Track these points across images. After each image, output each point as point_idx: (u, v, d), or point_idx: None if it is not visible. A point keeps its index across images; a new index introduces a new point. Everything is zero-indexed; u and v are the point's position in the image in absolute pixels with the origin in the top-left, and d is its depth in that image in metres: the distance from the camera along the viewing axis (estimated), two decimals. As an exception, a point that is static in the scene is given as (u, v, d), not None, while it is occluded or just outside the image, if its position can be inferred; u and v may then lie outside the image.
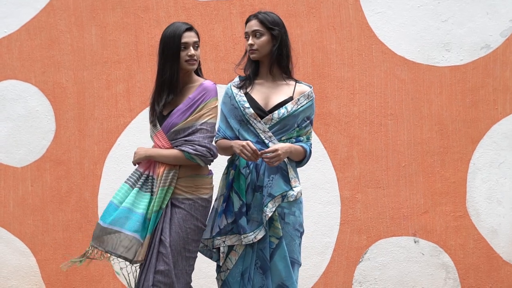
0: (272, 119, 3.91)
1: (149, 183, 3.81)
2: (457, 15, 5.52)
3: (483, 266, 5.51)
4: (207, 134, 3.79)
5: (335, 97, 5.55)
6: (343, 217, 5.54)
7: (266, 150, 3.81)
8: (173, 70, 3.78)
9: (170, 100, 3.81)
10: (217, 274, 4.00)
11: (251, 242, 3.86)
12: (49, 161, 5.65)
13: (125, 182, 3.84)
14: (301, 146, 3.96)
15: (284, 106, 3.92)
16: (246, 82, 4.02)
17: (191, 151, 3.75)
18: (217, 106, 3.85)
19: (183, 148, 3.76)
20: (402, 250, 5.53)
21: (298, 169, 4.05)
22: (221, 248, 3.96)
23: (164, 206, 3.77)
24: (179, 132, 3.79)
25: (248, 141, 3.81)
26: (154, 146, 3.89)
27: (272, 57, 3.93)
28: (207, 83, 3.84)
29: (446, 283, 5.52)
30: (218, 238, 3.92)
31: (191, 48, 3.79)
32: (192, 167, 3.83)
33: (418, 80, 5.53)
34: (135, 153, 3.88)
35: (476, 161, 5.51)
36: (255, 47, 3.92)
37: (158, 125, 3.83)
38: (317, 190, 5.54)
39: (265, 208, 3.85)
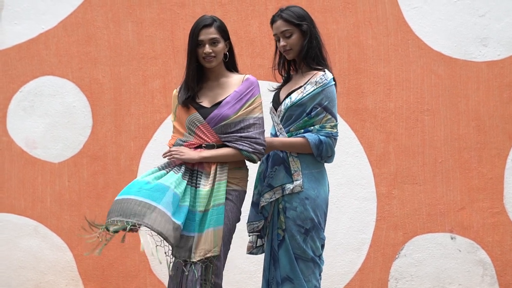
0: (281, 110, 3.90)
1: (195, 177, 3.76)
2: (494, 9, 5.49)
3: (520, 263, 5.49)
4: (261, 130, 3.78)
5: (372, 92, 5.53)
6: (379, 213, 5.52)
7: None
8: (191, 67, 3.80)
9: (199, 90, 3.81)
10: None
11: (254, 231, 3.91)
12: (86, 156, 5.69)
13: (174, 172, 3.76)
14: (303, 137, 3.82)
15: (289, 96, 3.88)
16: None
17: (249, 149, 3.73)
18: (261, 101, 3.84)
19: (239, 147, 3.73)
20: (439, 246, 5.50)
21: (331, 165, 3.97)
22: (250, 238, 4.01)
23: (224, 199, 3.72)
24: (229, 126, 3.75)
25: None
26: (194, 140, 3.78)
27: (303, 51, 3.91)
28: (253, 78, 3.83)
29: (483, 280, 5.48)
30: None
31: (207, 45, 3.77)
32: (238, 160, 3.82)
33: (455, 75, 5.50)
34: (181, 152, 3.73)
35: (514, 157, 5.49)
36: (288, 47, 3.90)
37: (201, 117, 3.78)
38: (353, 186, 5.53)
39: (261, 197, 3.87)
